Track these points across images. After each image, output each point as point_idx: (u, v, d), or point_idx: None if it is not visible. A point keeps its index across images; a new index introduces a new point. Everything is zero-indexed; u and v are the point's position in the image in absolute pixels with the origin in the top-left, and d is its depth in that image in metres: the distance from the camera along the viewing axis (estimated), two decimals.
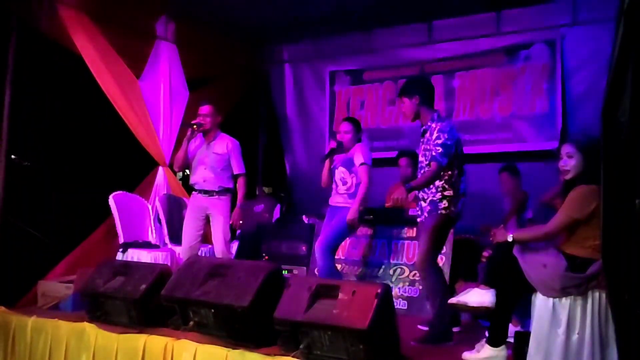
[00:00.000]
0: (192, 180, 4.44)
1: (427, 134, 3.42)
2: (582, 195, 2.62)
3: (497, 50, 5.52)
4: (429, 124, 3.44)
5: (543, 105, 5.29)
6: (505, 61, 5.49)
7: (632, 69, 1.87)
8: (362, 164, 3.98)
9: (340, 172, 4.10)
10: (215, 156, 4.34)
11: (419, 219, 3.58)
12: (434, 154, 3.30)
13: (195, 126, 4.30)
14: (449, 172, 3.38)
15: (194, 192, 4.42)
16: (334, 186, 4.15)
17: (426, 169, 3.40)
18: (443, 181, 3.39)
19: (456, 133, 3.41)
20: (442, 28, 5.76)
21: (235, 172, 4.40)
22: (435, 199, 3.40)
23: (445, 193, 3.39)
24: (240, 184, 4.41)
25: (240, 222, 4.39)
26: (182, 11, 5.47)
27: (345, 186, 4.07)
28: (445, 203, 3.38)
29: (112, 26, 4.91)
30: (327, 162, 4.18)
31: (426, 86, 3.59)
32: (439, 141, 3.31)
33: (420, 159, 3.51)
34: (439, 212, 3.38)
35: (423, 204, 3.48)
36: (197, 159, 4.38)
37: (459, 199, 3.44)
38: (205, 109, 4.38)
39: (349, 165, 4.07)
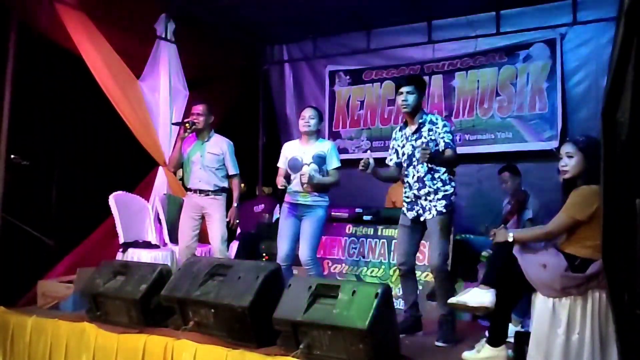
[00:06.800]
0: (186, 180, 4.44)
1: (429, 125, 3.41)
2: (584, 196, 2.62)
3: (497, 50, 5.52)
4: (423, 117, 3.46)
5: (543, 105, 5.29)
6: (505, 61, 5.49)
7: (632, 69, 1.87)
8: (335, 168, 3.87)
9: (310, 170, 3.79)
10: (209, 156, 4.34)
11: (421, 218, 3.44)
12: (447, 140, 3.33)
13: (187, 125, 4.29)
14: None
15: (188, 192, 4.43)
16: (295, 181, 3.84)
17: (445, 154, 3.36)
18: (448, 175, 3.40)
19: None
20: (442, 28, 5.77)
21: (230, 173, 4.42)
22: (447, 193, 3.38)
23: (453, 185, 3.42)
24: (235, 184, 4.43)
25: (237, 221, 4.39)
26: (182, 11, 5.47)
27: None
28: (453, 197, 3.41)
29: (112, 26, 4.90)
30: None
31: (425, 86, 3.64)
32: (447, 129, 3.38)
33: (417, 155, 3.39)
34: (452, 207, 3.40)
35: (425, 202, 3.39)
36: (192, 158, 4.38)
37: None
38: (198, 107, 4.38)
39: (321, 163, 3.85)
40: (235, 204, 4.39)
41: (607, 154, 1.97)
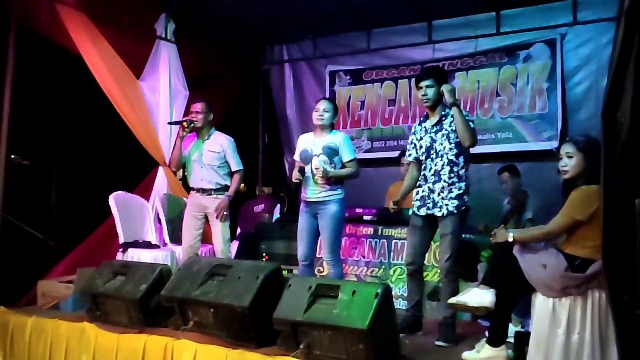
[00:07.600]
0: (188, 180, 4.43)
1: (451, 118, 3.35)
2: (583, 196, 2.62)
3: (497, 50, 5.53)
4: (446, 110, 3.41)
5: (543, 106, 5.30)
6: (506, 61, 5.49)
7: (632, 69, 1.88)
8: (351, 160, 3.78)
9: (320, 161, 3.72)
10: (209, 154, 4.31)
11: (429, 212, 3.38)
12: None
13: (185, 123, 4.27)
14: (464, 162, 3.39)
15: (192, 192, 4.41)
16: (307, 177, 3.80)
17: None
18: (465, 171, 3.39)
19: None
20: (442, 28, 5.77)
21: (233, 169, 4.38)
22: (461, 191, 3.35)
23: (467, 182, 3.40)
24: (235, 179, 4.37)
25: (225, 213, 4.30)
26: (182, 11, 5.47)
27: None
28: (466, 197, 3.37)
29: (112, 26, 4.90)
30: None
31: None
32: (469, 117, 3.38)
33: (442, 145, 3.37)
34: (466, 206, 3.37)
35: (437, 197, 3.35)
36: (192, 157, 4.36)
37: None
38: (197, 105, 4.35)
39: (332, 154, 3.76)
40: (228, 196, 4.31)
41: (607, 154, 1.97)
